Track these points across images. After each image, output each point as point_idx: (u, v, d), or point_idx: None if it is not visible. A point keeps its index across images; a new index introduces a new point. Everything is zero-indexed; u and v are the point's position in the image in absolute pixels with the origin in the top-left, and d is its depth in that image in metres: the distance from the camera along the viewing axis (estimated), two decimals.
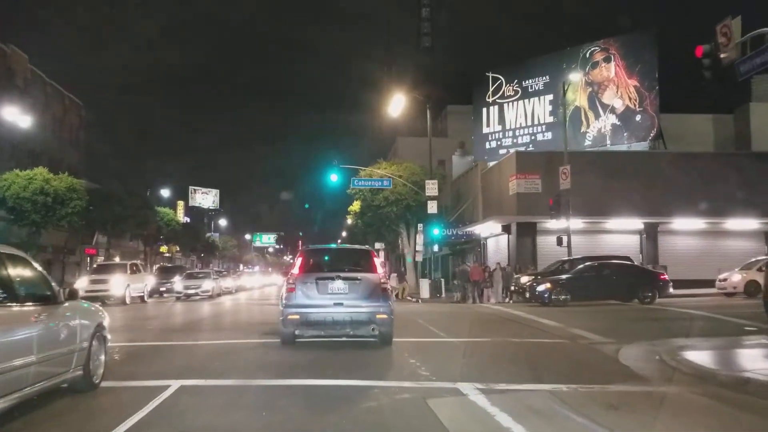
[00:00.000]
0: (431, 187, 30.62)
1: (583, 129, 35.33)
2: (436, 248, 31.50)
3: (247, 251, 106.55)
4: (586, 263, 22.03)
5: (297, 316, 10.19)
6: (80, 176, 50.97)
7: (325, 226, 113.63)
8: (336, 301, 10.18)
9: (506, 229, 31.07)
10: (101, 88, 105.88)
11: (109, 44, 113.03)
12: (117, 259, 59.32)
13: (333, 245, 14.30)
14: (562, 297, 20.74)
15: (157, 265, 42.11)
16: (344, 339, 10.84)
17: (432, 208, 30.39)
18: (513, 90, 38.03)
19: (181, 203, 73.44)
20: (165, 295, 30.52)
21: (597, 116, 35.04)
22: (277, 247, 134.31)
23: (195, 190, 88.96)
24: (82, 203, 36.15)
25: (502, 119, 38.53)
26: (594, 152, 32.98)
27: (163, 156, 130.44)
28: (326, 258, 11.56)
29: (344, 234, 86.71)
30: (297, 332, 10.44)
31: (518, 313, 18.18)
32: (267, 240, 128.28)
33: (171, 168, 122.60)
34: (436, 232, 30.54)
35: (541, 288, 21.07)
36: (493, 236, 33.85)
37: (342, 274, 10.39)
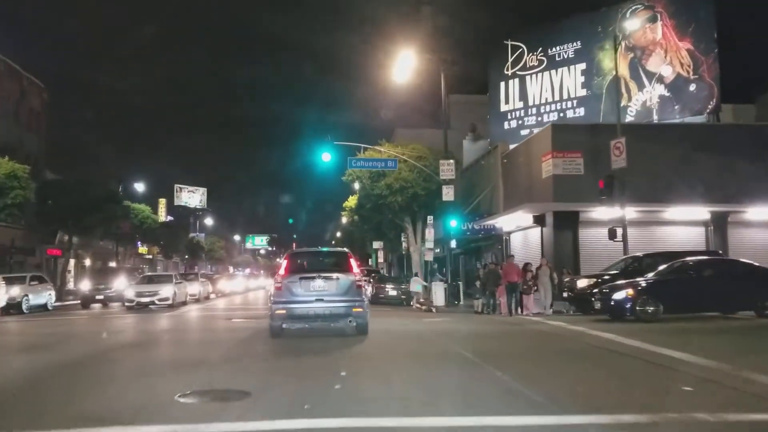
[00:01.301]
0: (447, 169, 24.04)
1: (623, 102, 28.69)
2: (453, 244, 24.81)
3: (237, 253, 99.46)
4: (680, 261, 15.41)
5: (284, 311, 11.25)
6: (40, 166, 44.34)
7: (320, 225, 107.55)
8: (317, 297, 11.23)
9: (539, 220, 24.46)
10: (89, 82, 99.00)
11: (101, 41, 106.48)
12: (87, 262, 52.94)
13: (315, 249, 14.90)
14: (651, 308, 14.17)
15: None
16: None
17: (448, 194, 23.81)
18: (537, 59, 31.47)
19: (163, 201, 66.48)
20: (111, 304, 23.62)
21: (641, 87, 28.54)
22: (270, 249, 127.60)
23: (181, 188, 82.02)
24: (25, 193, 29.35)
25: (523, 94, 31.96)
26: (649, 125, 26.48)
27: (151, 154, 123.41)
28: (309, 260, 12.61)
29: (338, 234, 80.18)
30: (284, 325, 11.61)
31: (601, 333, 11.55)
32: (260, 242, 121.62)
33: (158, 165, 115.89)
34: (453, 223, 23.91)
35: (619, 295, 14.45)
36: (520, 230, 27.23)
37: (322, 274, 11.43)
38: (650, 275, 15.11)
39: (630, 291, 14.35)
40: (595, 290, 15.54)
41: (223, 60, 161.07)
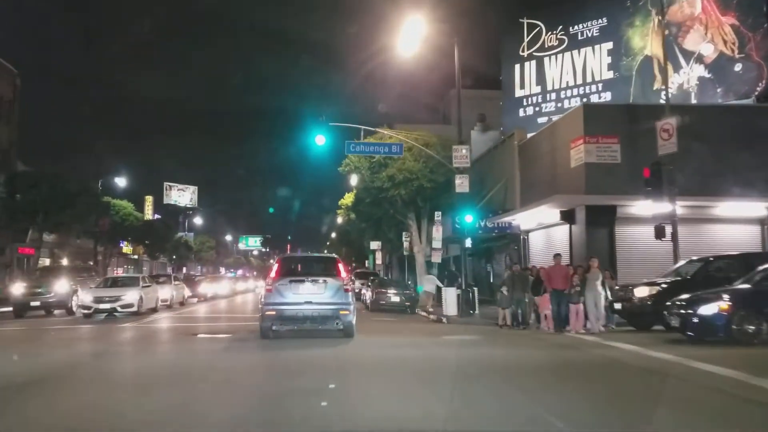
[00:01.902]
0: (461, 156, 20.24)
1: (656, 86, 25.12)
2: (468, 243, 20.97)
3: (228, 254, 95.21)
4: None
5: (273, 312, 11.38)
6: (11, 157, 40.36)
7: (316, 226, 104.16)
8: (306, 299, 11.37)
9: (567, 216, 20.72)
10: (81, 75, 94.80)
11: (96, 33, 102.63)
12: (65, 261, 48.79)
13: (305, 254, 14.93)
14: (751, 327, 10.44)
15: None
16: None
17: (462, 185, 19.97)
18: (557, 39, 27.77)
19: (149, 198, 62.39)
20: (56, 311, 19.51)
21: (677, 68, 24.85)
22: (264, 250, 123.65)
23: (170, 186, 77.96)
24: None
25: (541, 78, 28.26)
26: (700, 106, 22.75)
27: (142, 150, 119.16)
28: (299, 264, 13.02)
29: (333, 235, 76.20)
30: (274, 327, 11.55)
31: (711, 368, 7.81)
32: (253, 243, 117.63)
33: (148, 162, 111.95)
34: (469, 219, 20.08)
35: (707, 310, 10.67)
36: (542, 228, 23.46)
37: (311, 278, 11.66)
38: (741, 283, 11.38)
39: (723, 304, 10.58)
40: (668, 303, 11.74)
41: (217, 54, 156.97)
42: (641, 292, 13.58)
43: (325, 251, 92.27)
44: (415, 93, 59.19)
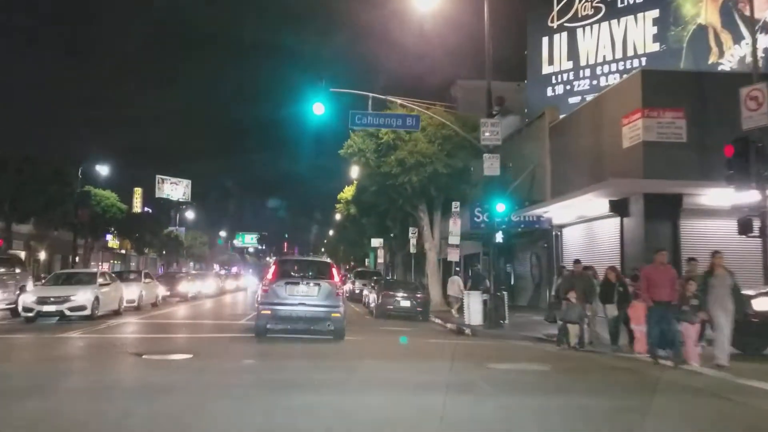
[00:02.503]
0: (491, 132, 16.31)
1: (712, 59, 21.38)
2: (499, 238, 17.01)
3: (222, 251, 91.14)
4: None
5: (269, 312, 11.82)
6: None
7: (314, 223, 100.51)
8: (300, 301, 11.75)
9: (618, 207, 16.88)
10: (79, 71, 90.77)
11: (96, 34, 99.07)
12: (42, 255, 44.84)
13: (301, 257, 13.90)
14: None
15: None
16: None
17: (491, 167, 16.04)
18: (592, 7, 23.97)
19: (138, 190, 58.40)
20: None
21: (737, 39, 21.08)
22: (260, 247, 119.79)
23: (163, 179, 74.06)
24: None
25: (573, 52, 24.45)
26: None
27: (136, 143, 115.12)
28: (295, 266, 13.46)
29: (331, 233, 72.39)
30: (268, 325, 12.01)
31: None
32: (250, 240, 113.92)
33: (142, 155, 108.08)
34: (501, 208, 16.14)
35: None
36: (581, 222, 19.58)
37: (305, 280, 12.08)
38: None
39: None
40: None
41: (216, 40, 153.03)
42: (762, 304, 9.70)
43: (323, 249, 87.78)
44: (421, 84, 55.59)
